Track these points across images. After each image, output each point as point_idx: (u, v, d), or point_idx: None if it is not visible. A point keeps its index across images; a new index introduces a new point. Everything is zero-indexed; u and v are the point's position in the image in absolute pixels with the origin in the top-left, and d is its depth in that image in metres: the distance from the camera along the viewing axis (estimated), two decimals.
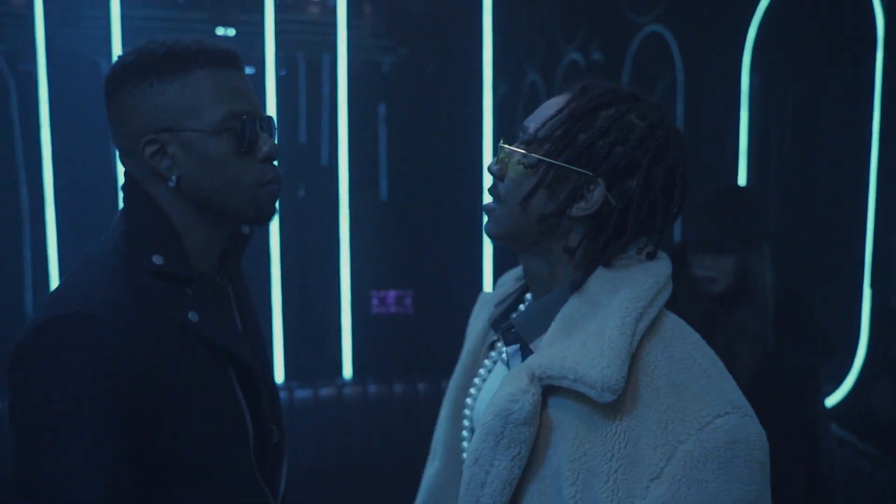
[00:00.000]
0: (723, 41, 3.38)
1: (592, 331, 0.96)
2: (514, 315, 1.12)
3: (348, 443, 2.97)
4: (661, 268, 1.03)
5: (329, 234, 3.21)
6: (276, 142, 1.20)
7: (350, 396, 3.03)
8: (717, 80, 3.46)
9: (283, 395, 3.00)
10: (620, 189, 1.00)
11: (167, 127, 1.11)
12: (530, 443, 0.97)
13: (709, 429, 0.91)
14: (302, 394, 3.00)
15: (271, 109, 3.20)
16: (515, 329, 1.07)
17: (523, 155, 1.03)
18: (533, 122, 1.05)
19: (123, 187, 1.18)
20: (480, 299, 1.35)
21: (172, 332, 1.08)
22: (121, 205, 1.20)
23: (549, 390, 0.99)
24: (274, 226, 3.13)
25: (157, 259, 1.10)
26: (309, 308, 3.23)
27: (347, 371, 3.20)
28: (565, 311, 1.01)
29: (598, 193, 1.00)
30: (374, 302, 3.22)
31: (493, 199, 1.08)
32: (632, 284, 0.99)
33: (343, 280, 3.17)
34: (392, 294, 3.26)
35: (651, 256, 1.04)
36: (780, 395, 2.12)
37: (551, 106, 1.05)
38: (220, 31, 3.52)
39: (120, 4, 2.99)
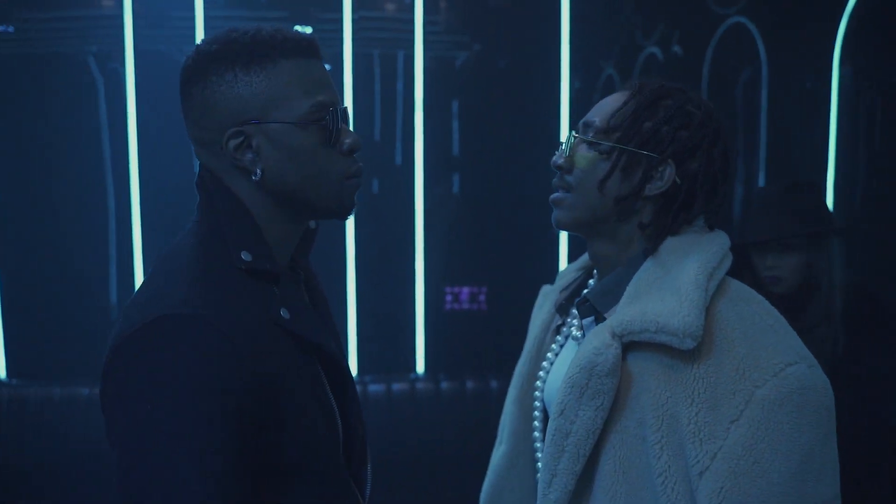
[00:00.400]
0: (811, 32, 3.25)
1: (668, 288, 1.07)
2: (586, 290, 1.21)
3: (420, 438, 2.98)
4: (723, 238, 1.16)
5: (404, 230, 3.22)
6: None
7: (422, 392, 3.04)
8: (804, 72, 3.33)
9: (357, 389, 3.03)
10: (685, 169, 1.13)
11: (252, 119, 1.07)
12: (612, 394, 1.06)
13: (782, 375, 1.01)
14: (375, 388, 3.02)
15: (349, 106, 3.22)
16: (590, 302, 1.17)
17: (598, 143, 1.13)
18: (598, 116, 1.16)
19: (199, 182, 1.14)
20: (542, 291, 1.48)
21: (268, 330, 1.05)
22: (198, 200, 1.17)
23: (628, 347, 1.08)
24: (349, 221, 3.15)
25: (245, 255, 1.07)
26: (383, 303, 3.25)
27: (420, 367, 3.21)
28: (639, 275, 1.12)
29: (668, 173, 1.12)
30: (448, 298, 3.22)
31: (562, 191, 1.19)
32: (701, 249, 1.11)
33: (417, 276, 3.18)
34: (466, 290, 3.25)
35: (712, 229, 1.17)
36: (856, 402, 2.01)
37: (613, 101, 1.16)
38: (298, 28, 3.58)
39: (203, 5, 3.07)
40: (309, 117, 1.08)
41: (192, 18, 3.02)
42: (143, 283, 1.09)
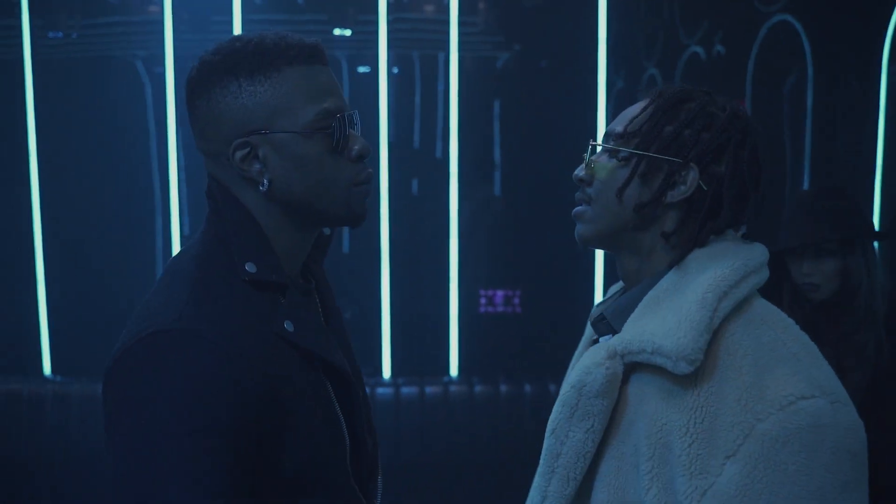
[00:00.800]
0: (858, 29, 3.15)
1: (674, 306, 0.99)
2: (605, 307, 1.14)
3: (453, 440, 2.97)
4: (755, 252, 1.05)
5: (439, 232, 3.22)
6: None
7: (456, 395, 3.03)
8: (851, 71, 3.23)
9: (389, 391, 3.03)
10: (710, 173, 1.04)
11: (258, 129, 1.06)
12: (604, 416, 1.00)
13: (791, 409, 0.90)
14: (408, 391, 3.02)
15: (383, 107, 3.23)
16: (607, 319, 1.11)
17: (615, 150, 1.08)
18: (619, 124, 1.10)
19: (208, 192, 1.13)
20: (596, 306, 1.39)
21: (270, 343, 1.03)
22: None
23: (632, 367, 1.01)
24: (385, 222, 3.17)
25: (249, 267, 1.06)
26: (417, 305, 3.25)
27: (454, 369, 3.20)
28: (652, 292, 1.05)
29: (692, 177, 1.04)
30: (482, 301, 3.20)
31: (583, 204, 1.13)
32: (719, 264, 1.01)
33: (451, 278, 3.17)
34: (500, 293, 3.23)
35: (745, 237, 1.09)
36: None
37: (634, 109, 1.10)
38: (336, 31, 3.60)
39: (241, 9, 3.11)
40: (314, 125, 1.06)
41: (230, 22, 3.06)
42: (151, 291, 1.09)
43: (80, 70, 3.32)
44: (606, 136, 1.12)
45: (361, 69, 3.60)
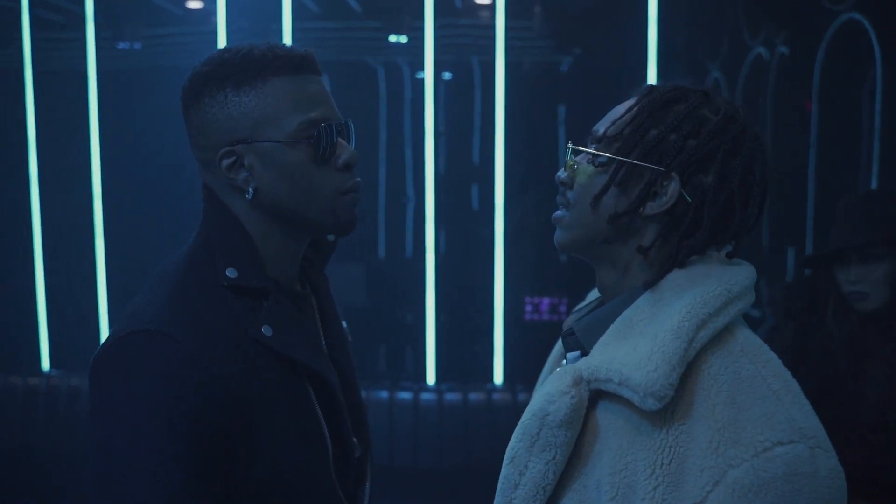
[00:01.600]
0: None
1: (647, 333, 0.90)
2: (577, 321, 1.05)
3: (496, 448, 2.94)
4: (739, 275, 0.95)
5: (485, 238, 3.20)
6: (353, 147, 1.15)
7: (499, 402, 3.01)
8: None
9: (433, 397, 3.03)
10: (695, 184, 0.94)
11: (243, 138, 1.07)
12: (567, 448, 0.93)
13: (766, 456, 0.82)
14: (451, 397, 3.02)
15: (429, 113, 3.23)
16: (576, 334, 1.02)
17: (593, 155, 0.99)
18: (602, 125, 1.01)
19: (203, 199, 1.15)
20: (574, 310, 1.30)
21: (246, 347, 1.04)
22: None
23: (600, 395, 0.93)
24: (430, 228, 3.17)
25: (230, 272, 1.07)
26: (463, 312, 3.24)
27: (498, 377, 3.17)
28: (627, 313, 0.95)
29: (672, 188, 0.94)
30: (528, 308, 3.17)
31: (563, 208, 1.04)
32: (698, 289, 0.92)
33: (496, 285, 3.15)
34: (546, 301, 3.19)
35: (731, 255, 0.99)
36: None
37: (620, 109, 1.01)
38: (392, 38, 3.64)
39: (295, 17, 3.17)
40: (298, 135, 1.07)
41: (279, 31, 3.12)
42: (138, 293, 1.12)
43: (142, 79, 3.45)
44: (590, 136, 1.03)
45: (419, 75, 3.62)
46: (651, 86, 1.00)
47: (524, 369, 3.20)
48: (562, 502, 0.94)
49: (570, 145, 1.03)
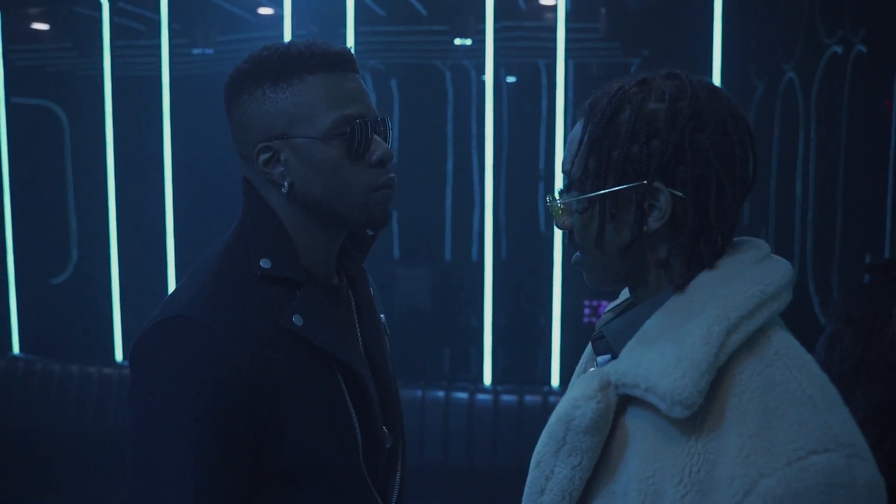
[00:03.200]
0: None
1: (676, 338, 0.87)
2: (607, 324, 1.03)
3: None
4: (775, 274, 0.91)
5: (544, 241, 3.19)
6: (389, 144, 1.17)
7: (555, 405, 2.98)
8: None
9: (489, 398, 3.03)
10: (681, 178, 0.90)
11: (280, 134, 1.11)
12: (594, 453, 0.90)
13: (799, 465, 0.78)
14: (507, 399, 3.01)
15: (489, 115, 3.24)
16: (606, 338, 0.99)
17: (575, 202, 0.96)
18: (566, 163, 0.98)
19: (242, 192, 1.19)
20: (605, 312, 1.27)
21: (277, 336, 1.08)
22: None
23: (629, 400, 0.91)
24: (489, 230, 3.17)
25: (264, 263, 1.11)
26: (520, 314, 3.23)
27: (555, 380, 3.15)
28: (656, 316, 0.92)
29: (663, 197, 0.90)
30: (587, 311, 3.13)
31: (576, 251, 1.02)
32: (731, 291, 0.88)
33: (555, 287, 3.13)
34: (605, 304, 3.15)
35: (729, 237, 0.94)
36: None
37: (574, 138, 0.97)
38: (457, 41, 3.66)
39: (359, 22, 3.23)
40: (332, 131, 1.10)
41: (343, 35, 3.18)
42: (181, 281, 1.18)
43: (214, 84, 3.58)
44: (563, 173, 1.00)
45: (484, 78, 3.64)
46: (590, 103, 0.96)
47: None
48: None
49: (548, 200, 1.01)
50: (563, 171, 0.99)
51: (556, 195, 1.00)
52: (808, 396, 0.83)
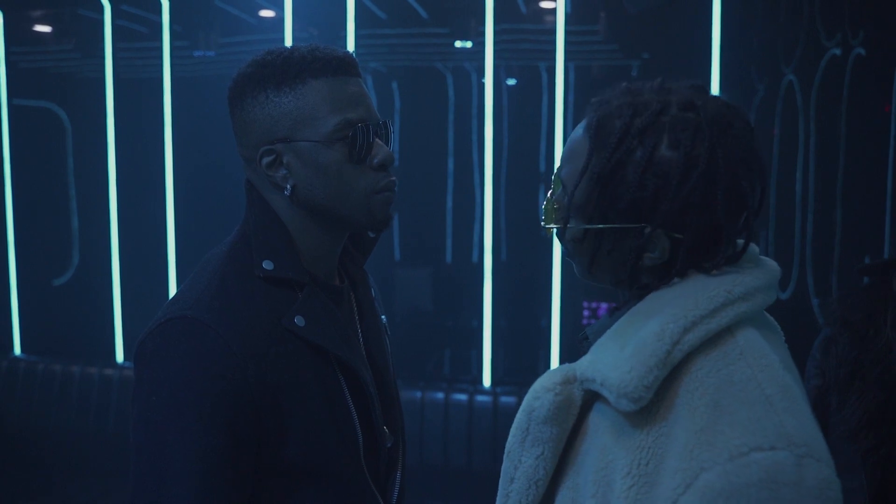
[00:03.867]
0: None
1: (634, 334, 0.89)
2: (589, 326, 1.06)
3: None
4: (749, 276, 0.92)
5: (543, 242, 3.20)
6: (391, 147, 1.19)
7: None
8: None
9: (488, 399, 3.04)
10: (682, 226, 0.90)
11: (282, 137, 1.12)
12: (555, 444, 0.93)
13: (741, 461, 0.78)
14: (507, 400, 3.02)
15: (489, 117, 3.25)
16: (589, 339, 1.01)
17: (571, 229, 0.96)
18: (566, 177, 0.96)
19: (245, 194, 1.20)
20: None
21: (279, 337, 1.09)
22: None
23: (595, 395, 0.92)
24: (488, 232, 3.18)
25: (266, 264, 1.12)
26: (519, 316, 3.24)
27: None
28: (627, 315, 0.94)
29: (662, 244, 0.91)
30: (586, 313, 3.14)
31: (565, 252, 1.03)
32: (696, 291, 0.89)
33: (554, 289, 3.14)
34: (604, 306, 3.16)
35: (732, 262, 0.93)
36: None
37: (576, 153, 0.95)
38: (458, 43, 3.67)
39: (360, 25, 3.24)
40: (334, 134, 1.11)
41: (343, 38, 3.19)
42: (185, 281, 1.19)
43: (215, 86, 3.59)
44: (555, 179, 0.99)
45: (484, 80, 3.65)
46: (598, 120, 0.92)
47: None
48: (557, 498, 0.95)
49: (543, 224, 1.00)
50: (562, 183, 0.97)
51: (552, 206, 0.98)
52: (765, 396, 0.83)
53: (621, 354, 0.87)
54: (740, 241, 0.97)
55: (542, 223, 1.01)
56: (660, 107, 0.90)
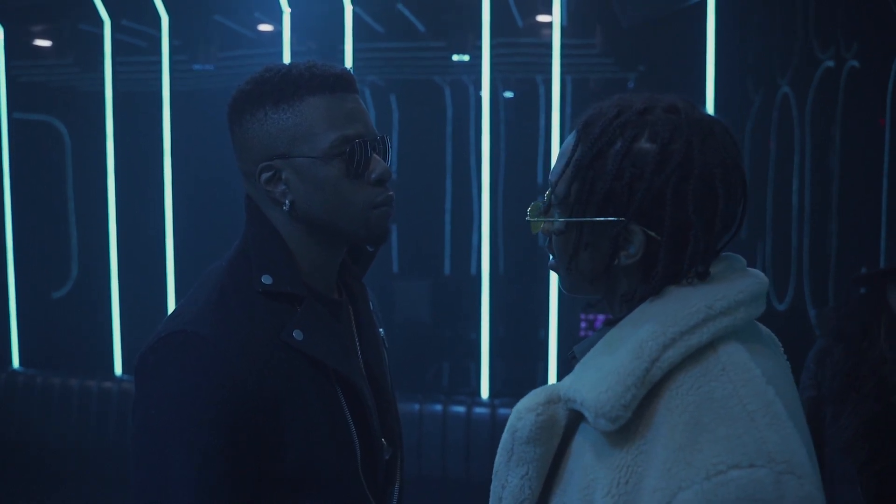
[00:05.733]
0: None
1: (613, 352, 0.88)
2: (579, 343, 1.05)
3: None
4: (729, 290, 0.90)
5: (540, 254, 3.21)
6: (388, 163, 1.20)
7: None
8: None
9: (486, 412, 3.04)
10: (658, 220, 0.90)
11: (281, 153, 1.13)
12: (539, 464, 0.92)
13: (718, 479, 0.77)
14: (505, 412, 3.02)
15: (485, 130, 3.27)
16: (577, 357, 1.00)
17: (551, 221, 0.98)
18: (553, 175, 0.98)
19: (244, 209, 1.21)
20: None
21: (278, 350, 1.10)
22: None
23: (580, 414, 0.91)
24: (485, 244, 3.19)
25: (265, 279, 1.13)
26: (516, 328, 3.25)
27: None
28: (610, 332, 0.93)
29: (637, 239, 0.91)
30: (583, 325, 3.15)
31: (552, 256, 1.03)
32: (677, 307, 0.88)
33: (551, 301, 3.15)
34: (601, 318, 3.17)
35: (702, 277, 0.91)
36: None
37: (564, 152, 0.97)
38: (455, 57, 3.70)
39: (358, 38, 3.26)
40: (332, 150, 1.13)
41: (342, 52, 3.21)
42: (185, 295, 1.20)
43: (214, 100, 3.62)
44: (549, 183, 1.00)
45: (482, 93, 3.67)
46: (585, 121, 0.95)
47: None
48: None
49: (529, 213, 1.02)
50: (550, 182, 0.99)
51: (539, 206, 1.00)
52: (747, 412, 0.82)
53: (599, 374, 0.86)
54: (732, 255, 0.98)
55: (528, 217, 1.02)
56: (643, 107, 0.92)
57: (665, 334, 0.86)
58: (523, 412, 0.91)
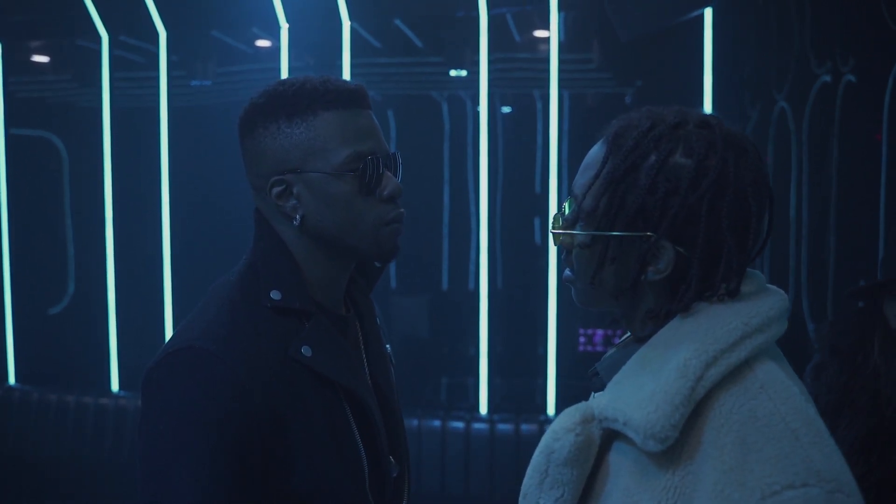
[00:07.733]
0: None
1: (655, 371, 0.87)
2: (600, 361, 1.04)
3: None
4: (762, 307, 0.90)
5: (539, 269, 3.20)
6: (399, 179, 1.21)
7: None
8: None
9: (485, 427, 3.03)
10: (689, 237, 0.89)
11: (293, 168, 1.13)
12: (575, 486, 0.90)
13: (774, 500, 0.76)
14: (503, 428, 3.01)
15: (483, 144, 3.27)
16: (600, 374, 1.00)
17: (578, 234, 0.95)
18: (579, 186, 0.96)
19: (254, 223, 1.20)
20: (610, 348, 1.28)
21: (286, 366, 1.10)
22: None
23: (615, 434, 0.90)
24: (483, 258, 3.19)
25: (274, 294, 1.13)
26: (516, 343, 3.24)
27: (551, 408, 3.15)
28: (642, 350, 0.92)
29: (667, 255, 0.90)
30: (582, 340, 3.14)
31: (569, 269, 1.01)
32: (714, 325, 0.87)
33: (550, 317, 3.14)
34: (600, 332, 3.16)
35: (733, 294, 0.91)
36: None
37: (591, 164, 0.95)
38: (453, 72, 3.71)
39: (356, 54, 3.27)
40: (345, 166, 1.13)
41: (339, 67, 3.22)
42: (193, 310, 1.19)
43: (224, 113, 3.62)
44: (572, 194, 0.98)
45: (479, 109, 3.68)
46: (615, 133, 0.93)
47: (577, 401, 3.16)
48: None
49: (552, 222, 1.00)
50: (573, 195, 0.97)
51: (560, 219, 0.98)
52: (791, 430, 0.82)
53: (642, 393, 0.86)
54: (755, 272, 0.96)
55: (550, 228, 1.00)
56: (677, 121, 0.91)
57: (707, 352, 0.85)
58: (561, 433, 0.89)
